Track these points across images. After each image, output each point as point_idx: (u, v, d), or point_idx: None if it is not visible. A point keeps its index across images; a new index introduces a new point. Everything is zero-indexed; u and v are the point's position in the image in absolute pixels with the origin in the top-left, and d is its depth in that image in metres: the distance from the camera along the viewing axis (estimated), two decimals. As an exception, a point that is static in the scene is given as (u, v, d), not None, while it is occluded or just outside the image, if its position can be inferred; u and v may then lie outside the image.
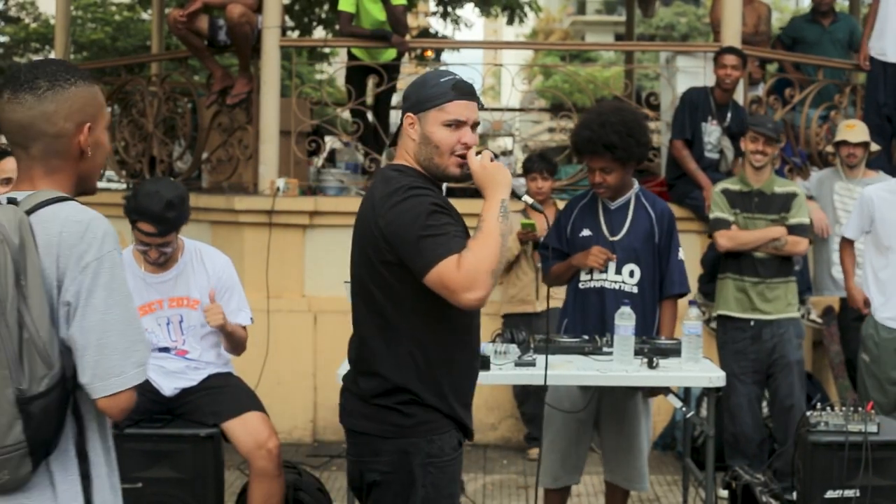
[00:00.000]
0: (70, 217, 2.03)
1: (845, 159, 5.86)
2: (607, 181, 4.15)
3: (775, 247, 5.15)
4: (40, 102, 2.07)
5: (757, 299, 5.20)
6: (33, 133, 2.07)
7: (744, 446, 5.29)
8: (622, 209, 4.25)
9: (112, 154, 7.88)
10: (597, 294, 4.21)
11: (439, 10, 15.51)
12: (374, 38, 6.91)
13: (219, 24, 6.89)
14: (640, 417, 4.26)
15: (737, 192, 5.26)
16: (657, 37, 31.12)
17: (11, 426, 1.96)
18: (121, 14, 19.40)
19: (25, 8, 20.17)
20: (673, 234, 4.27)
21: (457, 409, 2.87)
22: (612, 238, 4.21)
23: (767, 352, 5.24)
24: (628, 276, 4.19)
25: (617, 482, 4.34)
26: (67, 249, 2.00)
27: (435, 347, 2.81)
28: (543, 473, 4.31)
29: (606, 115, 4.13)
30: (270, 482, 4.10)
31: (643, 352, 4.02)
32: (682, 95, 6.49)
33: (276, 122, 6.70)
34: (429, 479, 2.80)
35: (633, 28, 11.40)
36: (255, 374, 5.68)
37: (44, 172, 2.11)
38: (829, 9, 7.65)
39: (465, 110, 2.82)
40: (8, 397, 1.95)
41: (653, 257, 4.22)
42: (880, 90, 6.78)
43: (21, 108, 2.07)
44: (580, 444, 4.29)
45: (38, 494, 2.03)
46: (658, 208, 4.27)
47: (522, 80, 8.11)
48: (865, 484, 4.13)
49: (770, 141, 5.16)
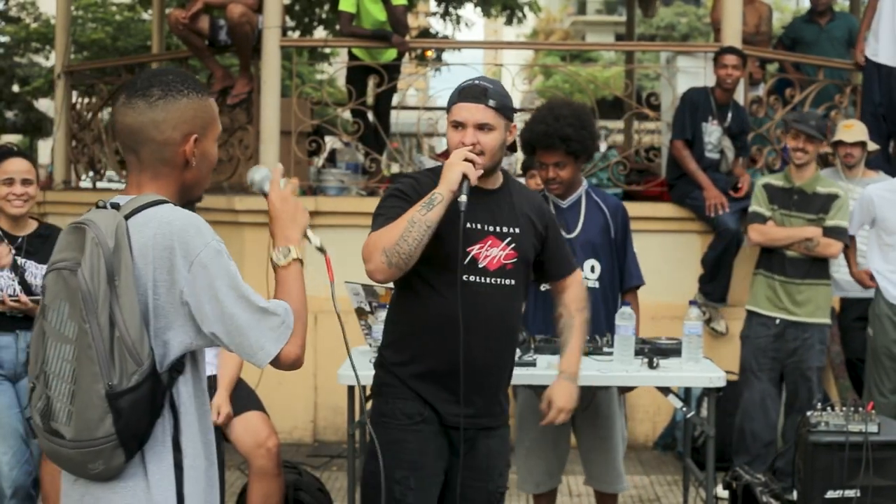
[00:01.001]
0: (163, 219, 2.10)
1: (843, 159, 5.87)
2: (561, 176, 4.13)
3: (807, 247, 5.12)
4: (151, 109, 2.15)
5: (785, 299, 5.19)
6: (142, 138, 2.16)
7: (750, 443, 5.27)
8: (574, 207, 4.23)
9: (112, 154, 7.89)
10: None
11: (439, 10, 15.52)
12: (375, 38, 6.91)
13: (219, 24, 6.89)
14: (615, 418, 4.24)
15: (778, 187, 5.24)
16: (658, 37, 31.13)
17: (102, 420, 2.04)
18: (121, 14, 19.42)
19: (26, 8, 20.18)
20: (627, 228, 4.27)
21: (419, 382, 3.02)
22: (569, 236, 4.19)
23: (788, 352, 5.23)
24: (590, 272, 4.18)
25: (600, 487, 4.29)
26: (161, 251, 2.08)
27: (407, 316, 3.08)
28: (524, 481, 4.30)
29: (559, 109, 4.16)
30: (270, 481, 4.10)
31: (643, 352, 4.02)
32: (683, 95, 6.49)
33: (276, 122, 6.70)
34: (381, 437, 2.94)
35: (634, 28, 11.40)
36: (255, 374, 5.67)
37: (150, 177, 2.19)
38: (826, 8, 7.65)
39: (465, 112, 3.00)
40: (98, 392, 2.03)
41: (611, 251, 4.22)
42: (875, 91, 6.79)
43: (132, 113, 2.15)
44: (559, 446, 4.26)
45: (132, 484, 2.11)
46: (611, 203, 4.27)
47: (523, 81, 8.11)
48: (866, 484, 4.14)
49: (811, 139, 5.13)
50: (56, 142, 8.31)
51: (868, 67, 6.86)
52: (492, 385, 3.11)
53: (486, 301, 3.02)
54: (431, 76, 25.81)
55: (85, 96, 8.30)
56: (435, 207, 2.88)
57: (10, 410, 4.14)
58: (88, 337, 2.03)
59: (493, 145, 3.01)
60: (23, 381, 4.19)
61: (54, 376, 2.07)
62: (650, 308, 5.82)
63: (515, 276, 3.09)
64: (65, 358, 2.06)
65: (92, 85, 8.36)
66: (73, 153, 8.19)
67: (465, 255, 3.01)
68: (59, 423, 2.07)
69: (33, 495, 4.22)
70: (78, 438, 2.05)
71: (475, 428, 3.08)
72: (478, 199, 2.99)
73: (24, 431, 4.16)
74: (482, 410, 3.10)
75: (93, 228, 2.06)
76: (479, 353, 2.99)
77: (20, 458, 4.12)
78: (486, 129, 3.00)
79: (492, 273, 3.05)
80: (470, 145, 2.98)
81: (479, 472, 3.12)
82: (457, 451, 3.07)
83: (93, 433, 2.04)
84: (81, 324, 2.03)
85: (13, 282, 4.15)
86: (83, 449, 2.05)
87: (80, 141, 8.13)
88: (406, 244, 2.86)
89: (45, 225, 4.41)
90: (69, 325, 2.06)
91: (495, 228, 3.08)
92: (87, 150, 8.08)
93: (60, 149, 8.21)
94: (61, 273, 2.07)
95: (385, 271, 2.90)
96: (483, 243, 3.05)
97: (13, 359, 4.17)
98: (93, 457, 2.06)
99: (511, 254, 3.08)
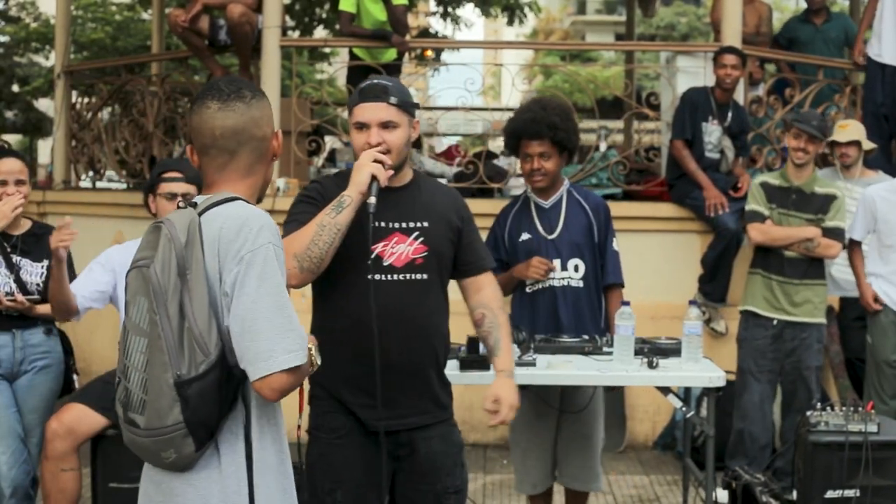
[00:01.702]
0: (231, 214, 2.22)
1: (839, 159, 5.87)
2: (545, 167, 4.14)
3: (807, 247, 5.11)
4: (249, 109, 2.31)
5: (783, 299, 5.17)
6: (245, 137, 2.30)
7: (748, 445, 5.26)
8: (556, 207, 4.23)
9: (112, 154, 7.89)
10: (546, 294, 4.18)
11: (439, 10, 15.52)
12: (375, 37, 6.90)
13: (219, 24, 6.89)
14: (598, 416, 4.24)
15: (776, 186, 5.22)
16: (657, 37, 31.12)
17: (171, 408, 2.13)
18: (121, 14, 19.43)
19: (25, 8, 20.18)
20: (609, 226, 4.26)
21: (340, 389, 3.00)
22: (550, 236, 4.19)
23: (786, 353, 5.21)
24: (574, 271, 4.18)
25: (572, 486, 4.27)
26: (226, 244, 2.18)
27: (321, 322, 3.07)
28: (521, 482, 4.30)
29: (545, 101, 4.22)
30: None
31: (643, 352, 4.02)
32: (683, 95, 6.48)
33: (276, 121, 6.70)
34: (313, 448, 3.04)
35: (634, 28, 11.40)
36: (255, 374, 5.68)
37: (242, 175, 2.33)
38: (820, 8, 7.65)
39: (367, 112, 3.00)
40: (167, 381, 2.12)
41: (594, 250, 4.21)
42: (878, 91, 6.78)
43: (234, 115, 2.29)
44: (552, 447, 4.26)
45: (205, 473, 2.20)
46: (592, 202, 4.26)
47: (523, 80, 8.11)
48: (865, 484, 4.13)
49: (813, 139, 5.12)
50: (56, 142, 8.31)
51: (871, 68, 6.86)
52: (416, 383, 3.04)
53: (395, 298, 2.96)
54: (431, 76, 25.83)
55: (85, 96, 8.30)
56: (344, 210, 2.86)
57: (8, 410, 4.13)
58: (158, 328, 2.13)
59: (399, 143, 2.99)
60: (21, 379, 4.19)
61: (133, 368, 2.18)
62: (650, 308, 5.83)
63: (427, 270, 3.03)
64: (140, 350, 2.16)
65: (92, 85, 8.36)
66: (72, 153, 8.19)
67: (370, 254, 2.97)
68: (134, 412, 2.17)
69: (32, 495, 4.22)
70: (150, 427, 2.15)
71: (406, 429, 3.02)
72: (383, 198, 2.95)
73: (21, 431, 4.15)
74: (409, 410, 3.03)
75: (167, 225, 2.19)
76: (394, 352, 2.93)
77: (18, 457, 4.11)
78: (391, 127, 2.98)
79: (399, 269, 3.00)
80: (377, 145, 2.96)
81: (423, 475, 3.06)
82: (397, 455, 3.03)
83: (163, 421, 2.13)
84: (153, 315, 2.14)
85: (9, 279, 4.15)
86: (155, 437, 2.15)
87: (80, 141, 8.12)
88: (317, 248, 2.85)
89: (39, 224, 4.40)
90: (146, 318, 2.16)
91: (401, 224, 3.03)
92: (86, 149, 8.08)
93: (60, 149, 8.21)
94: (141, 270, 2.19)
95: (297, 276, 2.86)
96: (388, 240, 3.00)
97: (10, 358, 4.16)
98: (164, 445, 2.15)
99: (420, 248, 3.02)
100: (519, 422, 4.22)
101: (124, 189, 8.16)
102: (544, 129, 4.08)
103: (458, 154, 7.64)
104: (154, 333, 2.14)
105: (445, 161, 7.49)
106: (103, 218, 7.28)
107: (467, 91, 6.81)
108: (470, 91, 6.82)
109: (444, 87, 9.65)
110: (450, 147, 8.21)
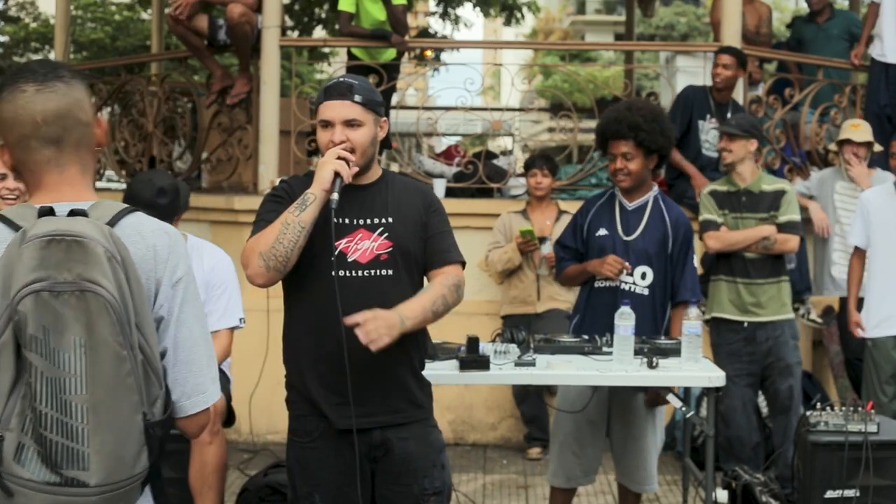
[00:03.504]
0: (156, 230, 1.97)
1: (849, 158, 5.86)
2: (629, 167, 4.18)
3: (765, 246, 5.12)
4: (71, 90, 1.97)
5: (750, 301, 5.17)
6: (70, 122, 1.96)
7: (738, 450, 5.25)
8: (639, 210, 4.27)
9: (112, 154, 7.88)
10: (610, 293, 4.21)
11: (439, 10, 15.52)
12: (374, 37, 6.90)
13: (219, 24, 6.88)
14: (644, 419, 4.25)
15: (724, 192, 5.23)
16: (657, 36, 31.13)
17: (139, 455, 1.87)
18: (121, 14, 19.42)
19: (25, 7, 20.18)
20: (690, 244, 4.28)
21: (312, 390, 2.98)
22: (627, 238, 4.23)
23: (763, 354, 5.20)
24: (640, 279, 4.20)
25: (625, 483, 4.34)
26: (162, 264, 1.95)
27: (291, 322, 3.04)
28: (555, 473, 4.32)
29: (633, 103, 4.30)
30: (203, 450, 4.04)
31: (643, 352, 4.02)
32: (679, 93, 6.49)
33: (275, 121, 6.70)
34: (291, 453, 3.04)
35: (633, 28, 11.40)
36: (254, 374, 5.68)
37: (79, 171, 1.99)
38: (822, 7, 7.66)
39: (331, 110, 2.99)
40: (138, 424, 1.86)
41: (665, 262, 4.23)
42: (881, 91, 6.78)
43: (55, 97, 1.95)
44: (594, 445, 4.29)
45: None
46: (674, 215, 4.29)
47: (522, 80, 8.11)
48: (865, 484, 4.13)
49: (733, 137, 5.12)
50: (55, 141, 8.29)
51: (874, 68, 6.85)
52: (384, 381, 3.00)
53: (360, 295, 2.92)
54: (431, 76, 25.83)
55: (84, 96, 8.28)
56: (308, 208, 2.86)
57: None
58: (128, 364, 1.82)
59: (363, 141, 2.97)
60: None
61: (61, 418, 1.79)
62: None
63: (393, 265, 2.99)
64: (77, 393, 1.79)
65: (91, 85, 8.34)
66: (72, 153, 8.17)
67: (333, 251, 2.94)
68: (76, 468, 1.80)
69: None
70: (110, 481, 1.82)
71: (378, 428, 2.99)
72: (348, 195, 2.94)
73: None
74: (378, 408, 2.99)
75: (95, 241, 1.83)
76: (360, 349, 2.88)
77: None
78: (355, 125, 2.97)
79: (364, 265, 2.97)
80: (340, 143, 2.95)
81: (399, 476, 3.02)
82: (373, 456, 3.01)
83: (132, 471, 1.86)
84: (118, 350, 1.81)
85: None
86: (112, 492, 1.84)
87: (80, 141, 8.11)
88: (282, 246, 2.84)
89: None
90: (73, 354, 1.79)
91: (366, 221, 3.00)
92: (86, 149, 8.06)
93: (60, 148, 8.19)
94: (62, 295, 1.79)
95: (264, 275, 2.87)
96: (352, 237, 2.98)
97: None
98: (114, 500, 1.85)
99: (385, 243, 2.99)
100: (560, 416, 4.28)
101: (124, 189, 8.15)
102: (626, 130, 4.12)
103: (457, 154, 7.63)
104: (121, 371, 1.81)
105: (445, 161, 7.48)
106: (103, 218, 7.27)
107: (467, 91, 6.82)
108: (469, 91, 6.82)
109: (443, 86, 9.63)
110: (449, 147, 8.20)
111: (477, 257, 6.21)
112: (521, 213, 6.14)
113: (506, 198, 6.94)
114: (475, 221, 6.41)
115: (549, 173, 6.05)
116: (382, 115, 3.05)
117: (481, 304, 6.24)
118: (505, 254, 5.98)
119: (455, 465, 6.03)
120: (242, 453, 5.97)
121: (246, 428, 6.06)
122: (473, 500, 5.41)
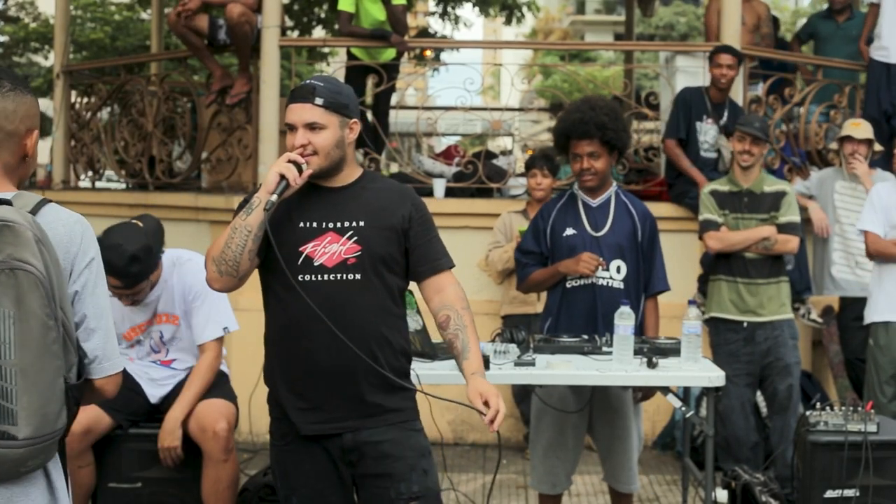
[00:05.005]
0: (69, 218, 2.23)
1: (850, 157, 5.86)
2: (595, 167, 4.15)
3: (765, 246, 5.12)
4: (3, 99, 2.19)
5: (750, 301, 5.17)
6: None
7: (735, 450, 5.26)
8: (604, 206, 4.25)
9: (112, 154, 7.89)
10: (586, 291, 4.19)
11: (438, 10, 15.52)
12: (374, 37, 6.90)
13: (218, 24, 6.88)
14: (628, 419, 4.25)
15: (726, 192, 5.24)
16: (656, 36, 31.12)
17: (60, 413, 2.12)
18: (120, 14, 19.43)
19: (25, 7, 20.19)
20: (655, 235, 4.28)
21: (282, 394, 3.00)
22: (596, 234, 4.20)
23: (762, 354, 5.21)
24: (615, 272, 4.19)
25: (612, 484, 4.33)
26: (75, 247, 2.20)
27: (266, 326, 3.08)
28: (540, 480, 4.30)
29: (594, 101, 4.22)
30: (218, 467, 4.03)
31: (643, 351, 4.02)
32: (677, 95, 6.49)
33: (275, 121, 6.70)
34: (272, 455, 3.10)
35: (633, 27, 11.40)
36: (253, 374, 5.65)
37: (1, 171, 2.23)
38: (844, 6, 7.64)
39: (293, 114, 2.97)
40: (60, 386, 2.11)
41: (636, 255, 4.23)
42: (882, 90, 6.77)
43: None
44: (575, 449, 4.28)
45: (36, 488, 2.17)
46: (639, 208, 4.29)
47: (522, 80, 8.12)
48: (865, 484, 4.14)
49: (757, 141, 5.13)
50: (55, 141, 8.31)
51: (875, 68, 6.85)
52: (348, 386, 2.95)
53: (325, 299, 2.90)
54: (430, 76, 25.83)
55: (84, 96, 8.29)
56: (254, 211, 2.85)
57: None
58: (53, 333, 2.09)
59: (326, 144, 2.93)
60: None
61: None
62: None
63: (361, 269, 2.95)
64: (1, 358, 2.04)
65: (91, 84, 8.36)
66: (71, 153, 8.19)
67: (299, 255, 2.93)
68: (6, 424, 2.05)
69: None
70: (35, 435, 2.07)
71: (349, 433, 2.97)
72: (319, 198, 2.94)
73: None
74: (346, 413, 2.95)
75: (24, 226, 2.09)
76: (323, 354, 2.89)
77: None
78: (317, 129, 2.93)
79: (330, 269, 2.94)
80: (300, 147, 2.92)
81: (375, 479, 2.99)
82: (348, 460, 2.99)
83: (54, 426, 2.10)
84: (46, 320, 2.07)
85: None
86: (36, 445, 2.08)
87: (79, 140, 8.12)
88: (230, 251, 2.86)
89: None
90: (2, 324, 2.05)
91: (335, 224, 2.97)
92: (85, 149, 8.08)
93: (59, 148, 8.21)
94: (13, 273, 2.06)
95: (218, 280, 2.91)
96: (320, 240, 2.95)
97: None
98: (38, 453, 2.10)
99: (354, 247, 2.95)
100: (539, 423, 4.25)
101: (123, 189, 8.15)
102: (593, 129, 4.10)
103: (457, 154, 7.63)
104: (47, 339, 2.07)
105: (444, 161, 7.48)
106: (102, 218, 7.24)
107: (466, 91, 6.82)
108: (469, 91, 6.82)
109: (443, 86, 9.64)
110: (449, 147, 8.20)
111: (477, 257, 6.21)
112: (521, 213, 6.13)
113: (505, 198, 6.94)
114: (475, 221, 6.41)
115: (549, 173, 6.05)
116: (352, 117, 3.00)
117: (481, 303, 6.24)
118: (505, 253, 5.97)
119: (455, 465, 6.03)
120: (242, 453, 5.96)
121: (246, 428, 6.05)
122: (473, 501, 5.41)
